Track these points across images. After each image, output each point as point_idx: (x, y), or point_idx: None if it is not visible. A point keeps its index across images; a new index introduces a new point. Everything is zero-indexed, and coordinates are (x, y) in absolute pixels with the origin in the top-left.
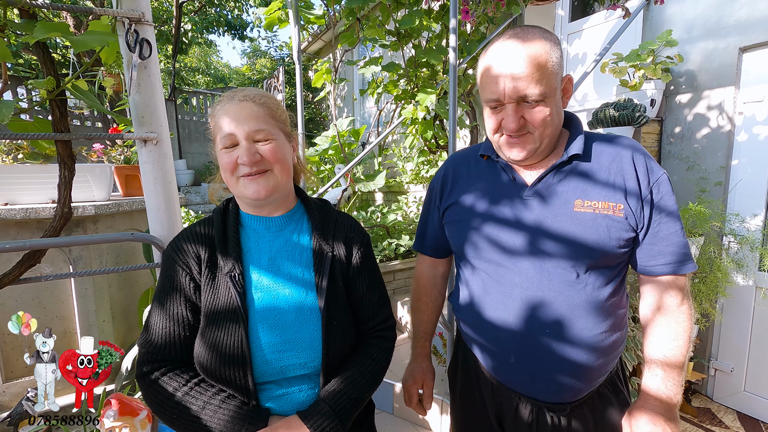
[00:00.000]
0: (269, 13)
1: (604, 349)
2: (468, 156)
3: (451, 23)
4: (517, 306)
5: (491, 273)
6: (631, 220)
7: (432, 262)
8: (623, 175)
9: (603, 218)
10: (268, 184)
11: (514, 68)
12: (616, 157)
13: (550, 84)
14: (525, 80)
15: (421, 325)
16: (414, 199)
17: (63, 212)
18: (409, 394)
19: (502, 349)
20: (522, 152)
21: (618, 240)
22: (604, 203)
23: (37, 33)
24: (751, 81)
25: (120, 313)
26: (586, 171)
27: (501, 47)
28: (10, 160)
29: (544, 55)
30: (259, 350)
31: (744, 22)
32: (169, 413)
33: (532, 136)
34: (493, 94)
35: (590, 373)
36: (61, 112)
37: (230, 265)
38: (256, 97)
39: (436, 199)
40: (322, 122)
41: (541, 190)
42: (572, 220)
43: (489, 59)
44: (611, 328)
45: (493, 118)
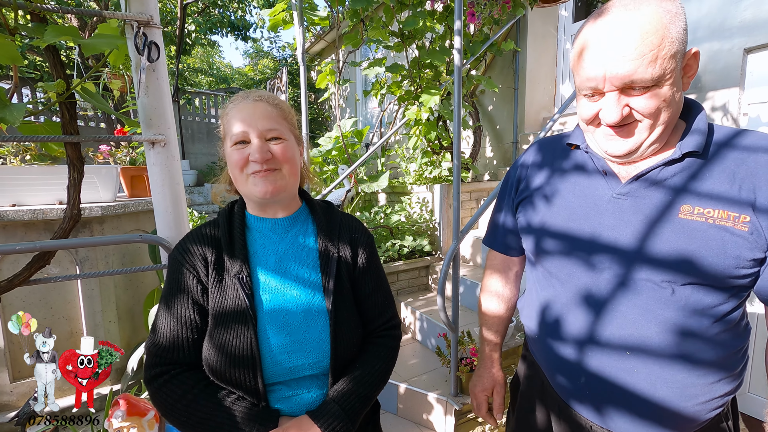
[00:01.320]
0: (274, 15)
1: (702, 387)
2: (553, 144)
3: (455, 25)
4: (592, 319)
5: (564, 279)
6: (758, 238)
7: (504, 259)
8: (754, 182)
9: (718, 230)
10: (277, 183)
11: (619, 50)
12: (747, 159)
13: (666, 64)
14: (633, 63)
15: (489, 329)
16: (417, 200)
17: (72, 214)
18: (477, 401)
19: (570, 368)
20: (625, 145)
21: (736, 259)
22: (722, 212)
23: (48, 37)
24: (755, 82)
25: (126, 314)
26: (703, 172)
27: (604, 23)
28: (17, 161)
29: (661, 32)
30: (268, 351)
31: (749, 23)
32: (179, 416)
33: (641, 124)
34: (589, 81)
35: (678, 415)
36: (71, 114)
37: (238, 267)
38: (270, 98)
39: (512, 190)
40: (324, 123)
41: (639, 189)
42: (675, 229)
43: (587, 35)
44: (715, 363)
45: (589, 106)
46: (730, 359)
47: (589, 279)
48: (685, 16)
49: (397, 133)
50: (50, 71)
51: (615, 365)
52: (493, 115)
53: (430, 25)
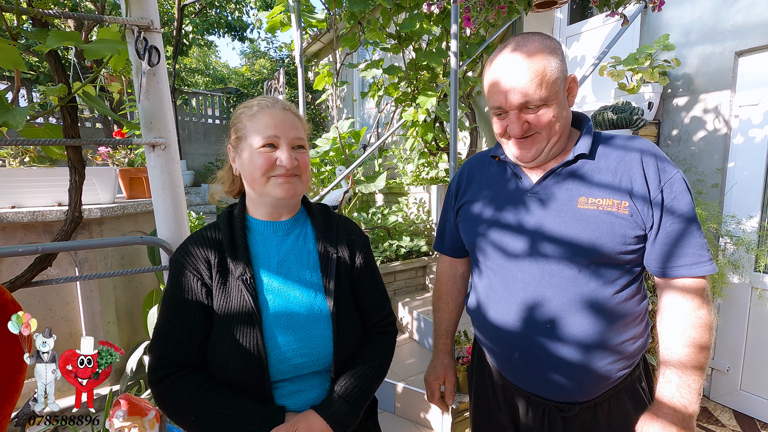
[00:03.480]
0: (271, 17)
1: (610, 349)
2: (482, 157)
3: (452, 29)
4: (519, 303)
5: (496, 271)
6: (637, 219)
7: (451, 261)
8: (630, 175)
9: (606, 215)
10: (296, 188)
11: (513, 79)
12: (624, 157)
13: (550, 88)
14: (525, 88)
15: (442, 323)
16: (414, 201)
17: (74, 216)
18: (431, 389)
19: (506, 347)
20: (529, 152)
21: (623, 237)
22: (608, 200)
23: (50, 42)
24: (746, 84)
25: (125, 315)
26: (591, 170)
27: (501, 60)
28: (16, 163)
29: (542, 63)
30: (274, 350)
31: (740, 26)
32: (186, 417)
33: (540, 135)
34: (496, 102)
35: (594, 374)
36: (72, 118)
37: (241, 269)
38: (294, 109)
39: (452, 199)
40: (321, 123)
41: (545, 189)
42: (575, 217)
43: (491, 71)
44: (619, 328)
45: (499, 123)
46: (632, 324)
47: (513, 269)
48: (561, 51)
49: (394, 134)
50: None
51: (538, 339)
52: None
53: (426, 28)
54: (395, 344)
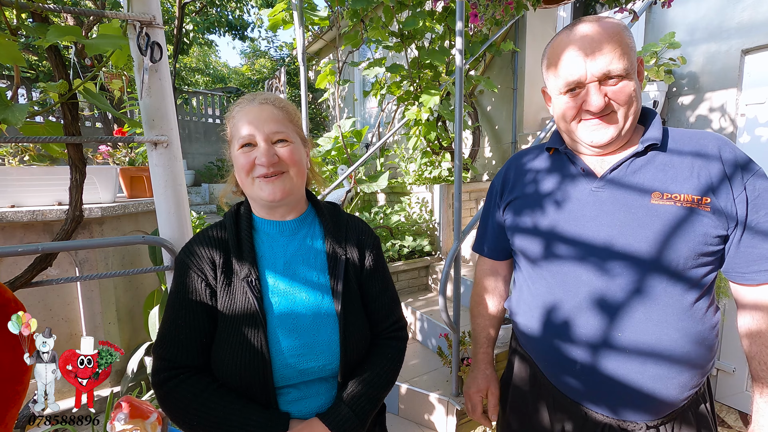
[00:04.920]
0: (273, 15)
1: (687, 363)
2: (532, 151)
3: (457, 26)
4: (584, 307)
5: (555, 271)
6: (719, 217)
7: (493, 264)
8: (709, 170)
9: (685, 211)
10: (284, 186)
11: (595, 47)
12: (701, 150)
13: (631, 59)
14: (608, 56)
15: (482, 330)
16: (417, 200)
17: (75, 216)
18: (472, 402)
19: (565, 358)
20: (607, 133)
21: (704, 236)
22: (687, 196)
23: (50, 37)
24: (753, 83)
25: (126, 315)
26: (665, 163)
27: (577, 32)
28: (16, 162)
29: (622, 32)
30: (278, 354)
31: (746, 24)
32: (189, 419)
33: (617, 115)
34: (572, 75)
35: (668, 390)
36: (73, 115)
37: (246, 270)
38: (276, 101)
39: (497, 197)
40: (322, 122)
41: (614, 181)
42: (649, 213)
43: (563, 44)
44: (697, 337)
45: (572, 102)
46: (708, 336)
47: (577, 269)
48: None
49: (396, 133)
50: (49, 72)
51: (607, 348)
52: (491, 115)
53: (429, 26)
54: (405, 350)
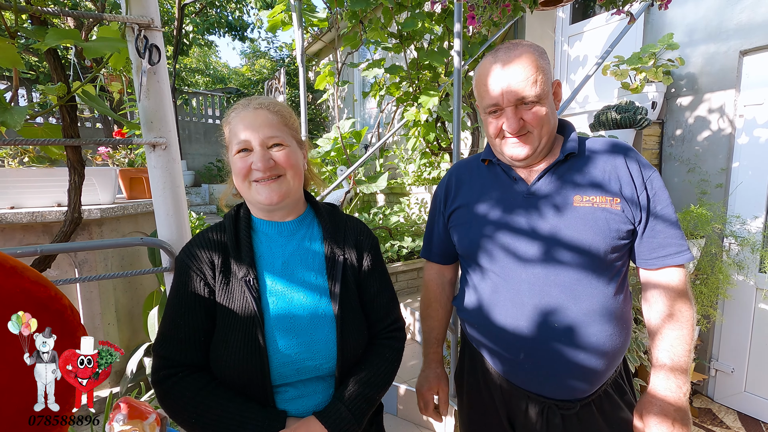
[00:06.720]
0: (272, 16)
1: (612, 345)
2: (470, 162)
3: (455, 28)
4: (526, 303)
5: (499, 273)
6: (628, 214)
7: (439, 268)
8: (617, 174)
9: (601, 211)
10: (281, 190)
11: (510, 76)
12: (610, 157)
13: (543, 86)
14: (521, 84)
15: (432, 331)
16: (416, 201)
17: (73, 217)
18: (425, 400)
19: (511, 349)
20: (524, 151)
21: (617, 232)
22: (602, 197)
23: (49, 40)
24: (751, 84)
25: (125, 316)
26: (582, 169)
27: (494, 59)
28: (15, 163)
29: (535, 62)
30: (276, 353)
31: (745, 25)
32: (187, 417)
33: (532, 135)
34: (492, 100)
35: (598, 370)
36: (72, 117)
37: (244, 271)
38: (271, 105)
39: (441, 205)
40: (322, 123)
41: (542, 188)
42: (573, 214)
43: (485, 72)
44: (618, 324)
45: (494, 123)
46: (627, 318)
47: (517, 269)
48: (547, 57)
49: (395, 134)
50: (48, 73)
51: (547, 340)
52: None
53: (428, 27)
54: (403, 350)
